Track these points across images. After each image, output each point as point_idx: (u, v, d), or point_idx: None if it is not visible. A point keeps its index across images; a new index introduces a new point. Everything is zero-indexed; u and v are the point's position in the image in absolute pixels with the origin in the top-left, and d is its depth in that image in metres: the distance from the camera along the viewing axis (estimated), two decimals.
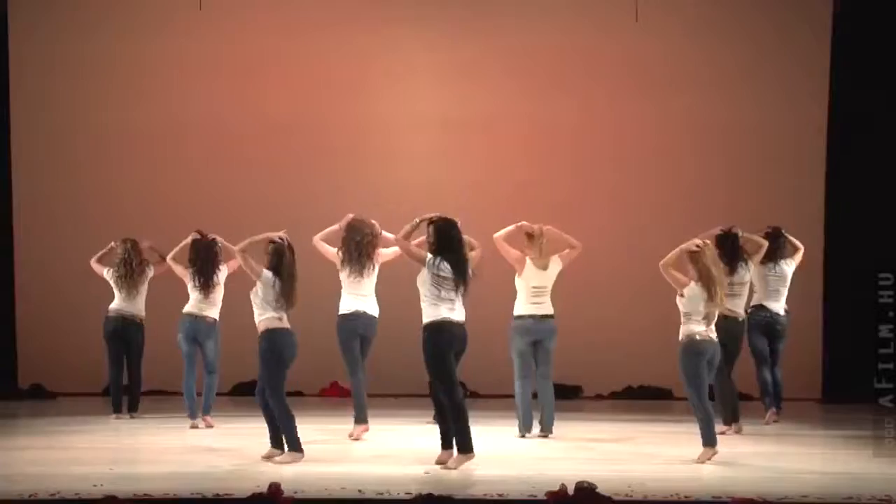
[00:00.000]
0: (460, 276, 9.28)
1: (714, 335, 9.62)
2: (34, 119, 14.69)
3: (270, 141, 14.74)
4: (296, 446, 9.33)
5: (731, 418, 11.34)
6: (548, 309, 11.00)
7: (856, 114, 14.29)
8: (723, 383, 11.33)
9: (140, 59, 14.75)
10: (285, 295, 9.42)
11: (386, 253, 11.12)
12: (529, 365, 11.00)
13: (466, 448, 9.14)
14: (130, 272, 12.32)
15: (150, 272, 12.33)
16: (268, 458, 9.43)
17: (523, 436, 10.99)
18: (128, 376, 12.48)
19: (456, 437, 9.21)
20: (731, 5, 14.79)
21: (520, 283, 11.05)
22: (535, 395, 11.13)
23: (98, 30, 14.80)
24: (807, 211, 14.44)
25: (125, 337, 12.38)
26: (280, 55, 14.80)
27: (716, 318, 9.64)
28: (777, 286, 12.11)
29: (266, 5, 14.88)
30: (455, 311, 9.31)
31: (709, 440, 9.57)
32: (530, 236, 11.05)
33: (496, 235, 10.94)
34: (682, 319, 9.57)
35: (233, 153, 14.75)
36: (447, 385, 9.21)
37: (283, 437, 9.39)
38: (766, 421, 12.03)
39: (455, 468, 9.04)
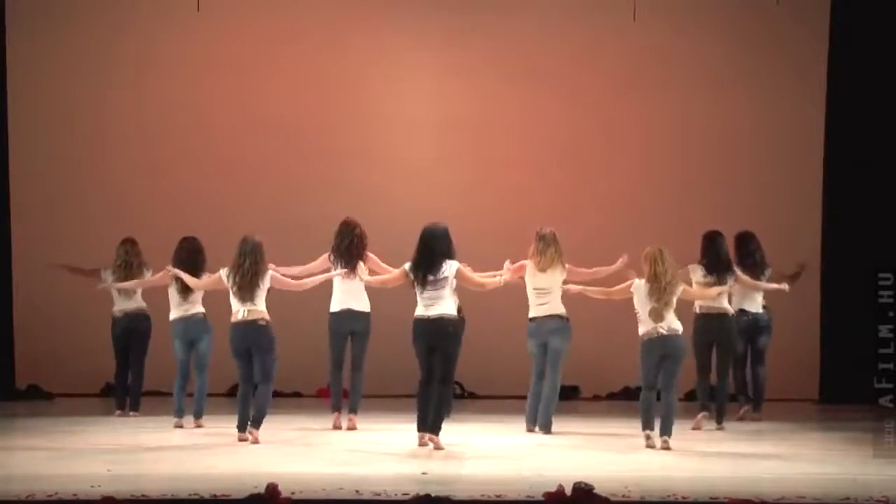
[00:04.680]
0: (423, 278, 10.08)
1: (665, 330, 10.15)
2: (32, 119, 14.67)
3: (268, 142, 14.75)
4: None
5: (702, 406, 11.72)
6: (553, 309, 11.20)
7: (854, 114, 14.27)
8: (704, 378, 11.79)
9: (138, 60, 14.75)
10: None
11: (374, 259, 11.40)
12: (541, 363, 11.28)
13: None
14: (129, 274, 12.33)
15: (148, 274, 12.30)
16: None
17: (530, 430, 11.28)
18: (132, 374, 12.54)
19: None
20: (729, 5, 14.78)
21: (526, 286, 11.26)
22: None
23: (96, 31, 14.79)
24: (805, 210, 14.46)
25: (134, 333, 12.51)
26: (277, 57, 14.80)
27: (664, 315, 10.13)
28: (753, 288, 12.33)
29: (263, 8, 14.87)
30: (430, 308, 10.10)
31: (643, 425, 10.33)
32: (541, 237, 11.20)
33: (503, 279, 10.77)
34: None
35: (231, 154, 14.75)
36: (421, 371, 10.15)
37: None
38: (740, 416, 12.28)
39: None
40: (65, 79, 14.72)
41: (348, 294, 11.45)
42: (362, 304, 11.48)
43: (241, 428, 10.58)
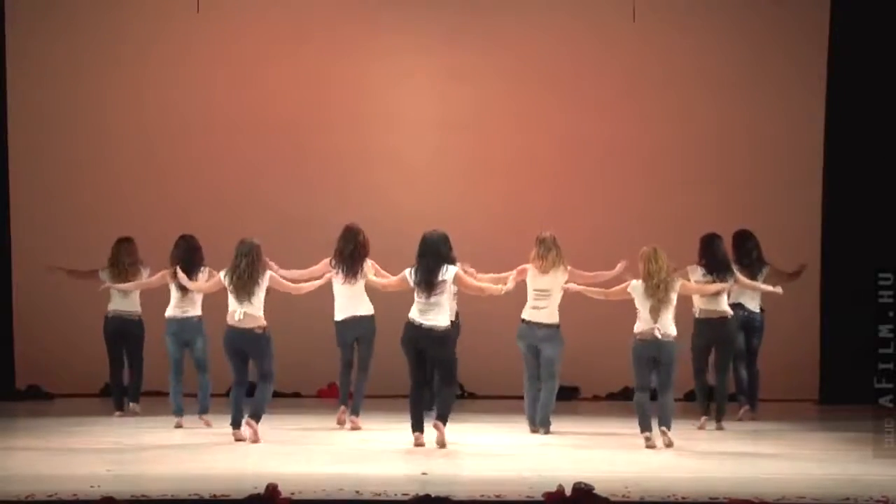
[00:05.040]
0: (424, 282, 10.21)
1: (661, 334, 10.30)
2: (32, 119, 14.64)
3: (268, 142, 14.73)
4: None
5: (703, 410, 11.76)
6: (546, 317, 11.27)
7: (854, 114, 14.25)
8: (701, 380, 11.83)
9: (138, 60, 14.73)
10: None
11: (375, 267, 11.44)
12: (533, 366, 11.33)
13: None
14: (123, 272, 12.35)
15: (145, 273, 12.32)
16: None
17: (534, 431, 11.33)
18: (129, 372, 12.57)
19: None
20: (729, 5, 14.77)
21: (528, 287, 11.30)
22: None
23: (96, 31, 14.76)
24: (805, 210, 14.44)
25: (125, 336, 12.53)
26: (277, 57, 14.77)
27: (663, 313, 10.32)
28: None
29: (263, 8, 14.85)
30: (424, 314, 10.26)
31: (641, 427, 10.38)
32: (541, 241, 11.22)
33: (505, 290, 10.82)
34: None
35: (230, 154, 14.73)
36: (410, 375, 10.36)
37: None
38: (740, 417, 12.29)
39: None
40: (65, 79, 14.70)
41: (350, 300, 11.50)
42: (365, 309, 11.54)
43: (236, 425, 10.63)
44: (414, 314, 10.28)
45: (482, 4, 14.82)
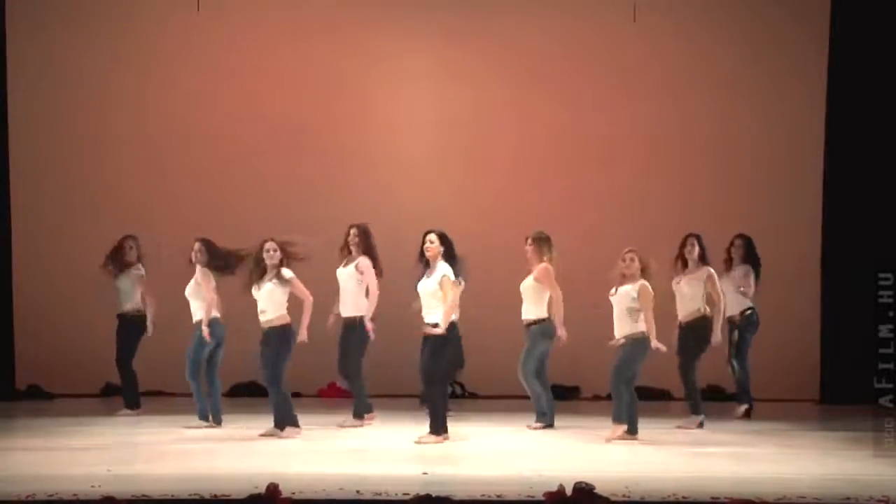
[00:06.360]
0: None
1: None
2: (33, 120, 14.64)
3: (269, 142, 14.73)
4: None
5: (694, 411, 11.83)
6: None
7: (854, 113, 14.27)
8: (692, 379, 11.86)
9: (138, 60, 14.73)
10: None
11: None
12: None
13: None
14: (109, 273, 12.47)
15: (139, 272, 12.41)
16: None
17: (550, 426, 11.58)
18: (131, 371, 12.62)
19: None
20: (729, 5, 14.79)
21: (551, 289, 11.46)
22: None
23: (96, 30, 14.76)
24: (805, 211, 14.45)
25: (142, 332, 12.61)
26: (277, 57, 14.78)
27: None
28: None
29: (262, 9, 14.85)
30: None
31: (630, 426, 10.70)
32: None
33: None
34: (635, 317, 10.68)
35: (230, 153, 14.73)
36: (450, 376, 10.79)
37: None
38: (739, 416, 12.44)
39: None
40: (65, 79, 14.69)
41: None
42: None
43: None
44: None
45: (482, 5, 14.83)
